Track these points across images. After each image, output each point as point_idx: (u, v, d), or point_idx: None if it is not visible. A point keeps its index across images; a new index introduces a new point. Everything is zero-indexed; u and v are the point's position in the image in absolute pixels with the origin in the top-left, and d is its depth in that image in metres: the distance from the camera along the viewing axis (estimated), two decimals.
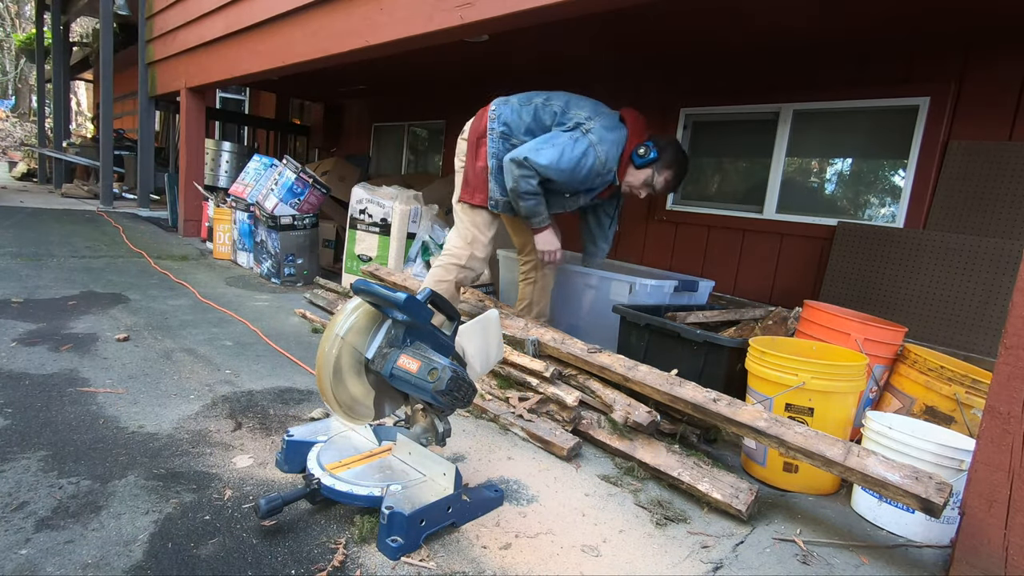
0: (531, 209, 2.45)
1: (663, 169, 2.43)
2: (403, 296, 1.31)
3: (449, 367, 1.31)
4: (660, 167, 2.43)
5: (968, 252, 2.78)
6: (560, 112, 2.43)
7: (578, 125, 2.37)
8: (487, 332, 1.58)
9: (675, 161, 2.44)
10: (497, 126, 2.49)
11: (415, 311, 1.34)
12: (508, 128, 2.47)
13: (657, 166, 2.42)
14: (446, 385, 1.28)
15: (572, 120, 2.39)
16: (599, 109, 2.46)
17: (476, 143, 2.56)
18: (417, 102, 6.46)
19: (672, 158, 2.43)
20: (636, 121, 2.47)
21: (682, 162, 2.47)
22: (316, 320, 3.11)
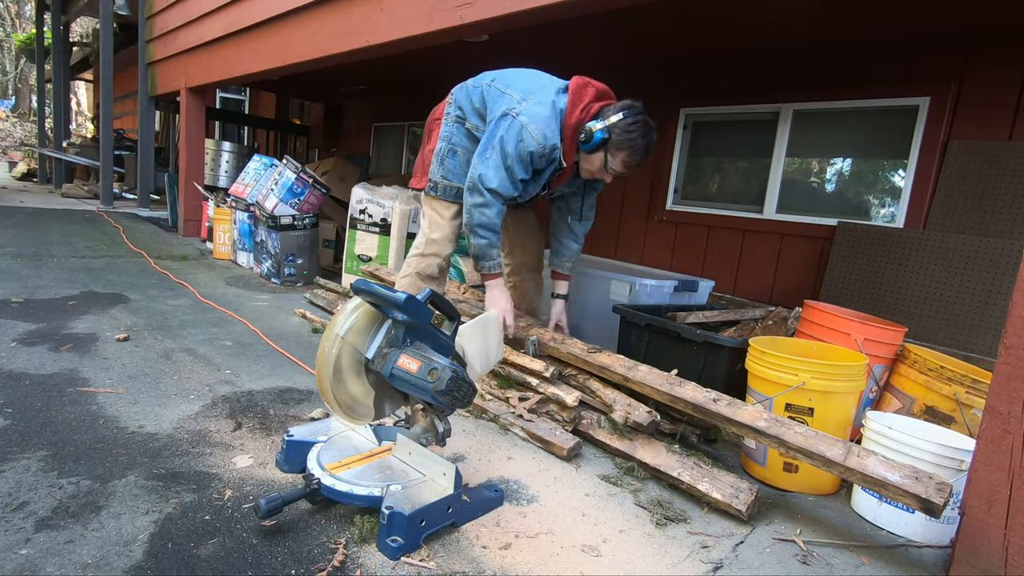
0: (481, 249, 2.09)
1: (615, 152, 2.03)
2: (403, 296, 1.31)
3: (449, 367, 1.31)
4: (611, 150, 2.03)
5: (968, 252, 2.78)
6: (499, 94, 2.13)
7: (505, 114, 2.02)
8: (487, 332, 1.58)
9: (626, 141, 1.99)
10: (452, 109, 2.30)
11: (415, 311, 1.34)
12: (461, 111, 2.27)
13: (608, 149, 2.03)
14: (446, 385, 1.28)
15: (501, 108, 2.06)
16: (541, 83, 2.11)
17: (431, 127, 2.40)
18: (417, 102, 6.46)
19: (622, 138, 1.99)
20: (578, 90, 2.05)
21: (635, 140, 2.00)
22: (316, 320, 3.11)
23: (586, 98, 2.02)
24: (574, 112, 2.01)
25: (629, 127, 1.98)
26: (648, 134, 2.02)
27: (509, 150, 1.97)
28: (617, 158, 2.03)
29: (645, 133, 2.01)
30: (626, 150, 2.01)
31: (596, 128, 1.98)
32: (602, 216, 4.62)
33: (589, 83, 2.06)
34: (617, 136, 1.99)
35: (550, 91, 2.04)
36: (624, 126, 1.98)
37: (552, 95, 2.02)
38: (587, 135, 1.99)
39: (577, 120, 2.01)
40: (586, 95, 2.03)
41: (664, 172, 4.20)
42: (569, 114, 2.01)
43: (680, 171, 4.16)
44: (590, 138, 1.99)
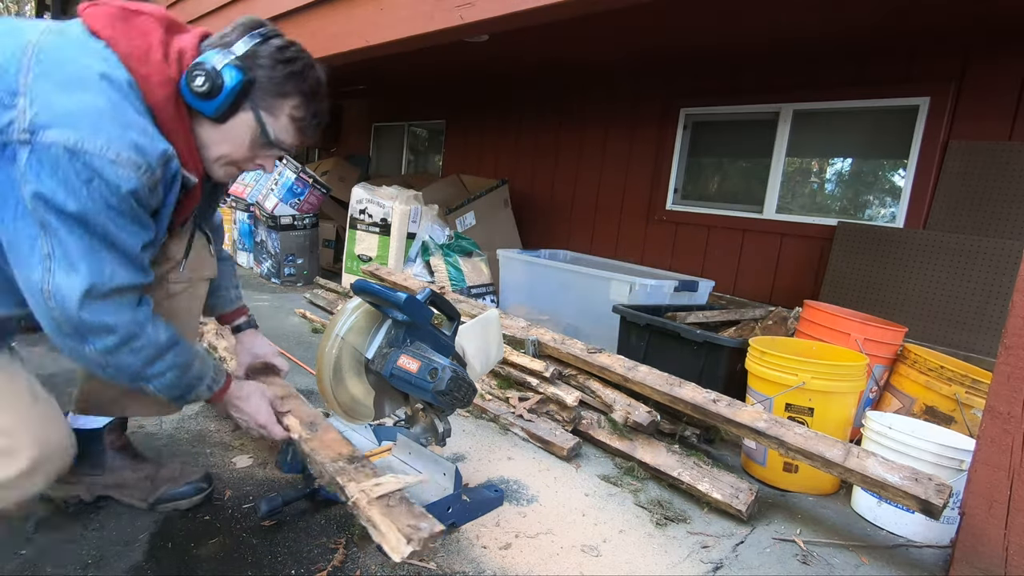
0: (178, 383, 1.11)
1: (274, 102, 1.09)
2: (403, 296, 1.31)
3: (449, 367, 1.31)
4: (265, 102, 1.09)
5: (968, 252, 2.78)
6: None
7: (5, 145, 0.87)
8: (487, 332, 1.58)
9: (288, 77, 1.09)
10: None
11: (415, 311, 1.34)
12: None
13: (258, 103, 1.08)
14: (446, 385, 1.28)
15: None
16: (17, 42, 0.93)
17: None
18: (417, 102, 6.47)
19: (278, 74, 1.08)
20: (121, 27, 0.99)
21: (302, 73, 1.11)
22: (316, 320, 3.11)
23: (152, 35, 1.01)
24: (151, 70, 0.99)
25: (282, 52, 1.09)
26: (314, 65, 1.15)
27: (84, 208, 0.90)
28: (283, 114, 1.11)
29: (311, 62, 1.14)
30: (295, 95, 1.10)
31: (221, 64, 1.02)
32: (602, 216, 4.63)
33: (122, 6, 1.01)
34: (268, 72, 1.07)
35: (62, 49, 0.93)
36: (272, 52, 1.08)
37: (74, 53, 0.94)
38: (206, 81, 1.01)
39: (167, 81, 1.00)
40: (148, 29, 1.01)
41: (664, 172, 4.20)
42: (144, 78, 0.98)
43: (680, 171, 4.16)
44: (218, 89, 1.02)
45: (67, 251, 0.91)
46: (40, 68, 0.89)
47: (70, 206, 0.89)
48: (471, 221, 4.43)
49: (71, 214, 0.89)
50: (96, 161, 0.89)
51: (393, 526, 1.06)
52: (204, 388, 1.17)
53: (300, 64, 1.11)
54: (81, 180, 0.88)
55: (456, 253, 3.81)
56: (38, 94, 0.88)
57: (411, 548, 1.04)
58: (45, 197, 0.87)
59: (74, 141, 0.87)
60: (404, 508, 1.09)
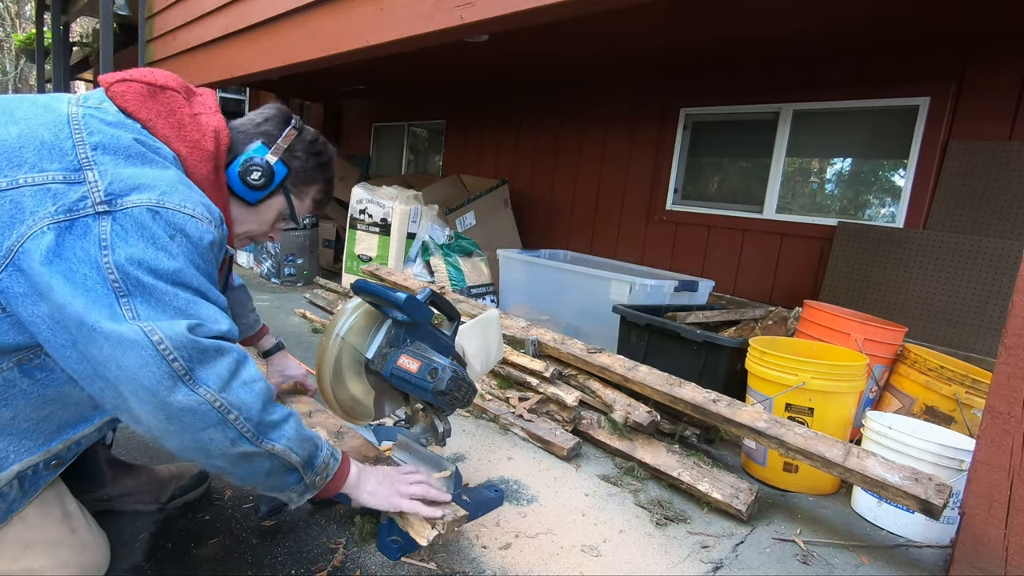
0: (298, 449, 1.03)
1: (306, 186, 1.24)
2: (403, 296, 1.31)
3: (449, 367, 1.31)
4: (298, 183, 1.22)
5: (968, 252, 2.78)
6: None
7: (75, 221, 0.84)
8: (487, 332, 1.57)
9: (317, 169, 1.24)
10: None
11: (415, 311, 1.34)
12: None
13: (292, 186, 1.21)
14: (446, 385, 1.28)
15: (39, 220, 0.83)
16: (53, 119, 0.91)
17: None
18: (417, 102, 6.47)
19: (311, 165, 1.23)
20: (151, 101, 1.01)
21: (327, 164, 1.27)
22: (316, 320, 3.11)
23: (182, 111, 1.05)
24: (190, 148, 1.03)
25: (314, 146, 1.23)
26: (333, 153, 1.30)
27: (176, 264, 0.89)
28: (308, 197, 1.26)
29: (332, 152, 1.29)
30: (320, 181, 1.26)
31: (272, 160, 1.14)
32: (602, 216, 4.63)
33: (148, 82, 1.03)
34: (303, 163, 1.21)
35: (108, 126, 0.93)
36: (307, 147, 1.22)
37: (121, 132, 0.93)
38: (263, 176, 1.12)
39: (209, 158, 1.05)
40: (176, 106, 1.04)
41: (664, 172, 4.20)
42: (185, 158, 1.02)
43: (680, 171, 4.16)
44: (269, 181, 1.14)
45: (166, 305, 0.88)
46: (94, 140, 0.90)
47: (163, 263, 0.87)
48: (471, 221, 4.43)
49: (164, 271, 0.88)
50: (177, 217, 0.90)
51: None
52: (327, 451, 1.10)
53: (327, 156, 1.26)
54: (167, 236, 0.89)
55: (456, 253, 3.81)
56: (105, 166, 0.88)
57: (436, 532, 1.16)
58: (137, 259, 0.85)
59: (155, 201, 0.88)
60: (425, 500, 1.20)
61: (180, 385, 0.86)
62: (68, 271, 0.82)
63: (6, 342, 0.87)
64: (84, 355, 0.84)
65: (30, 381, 0.90)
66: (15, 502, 0.94)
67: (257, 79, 4.73)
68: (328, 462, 1.10)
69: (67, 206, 0.84)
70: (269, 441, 0.97)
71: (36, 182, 0.84)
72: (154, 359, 0.84)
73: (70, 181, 0.85)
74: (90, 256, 0.83)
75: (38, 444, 0.94)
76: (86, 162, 0.87)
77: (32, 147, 0.87)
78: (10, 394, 0.90)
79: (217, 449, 0.91)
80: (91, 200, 0.85)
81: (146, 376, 0.84)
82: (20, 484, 0.93)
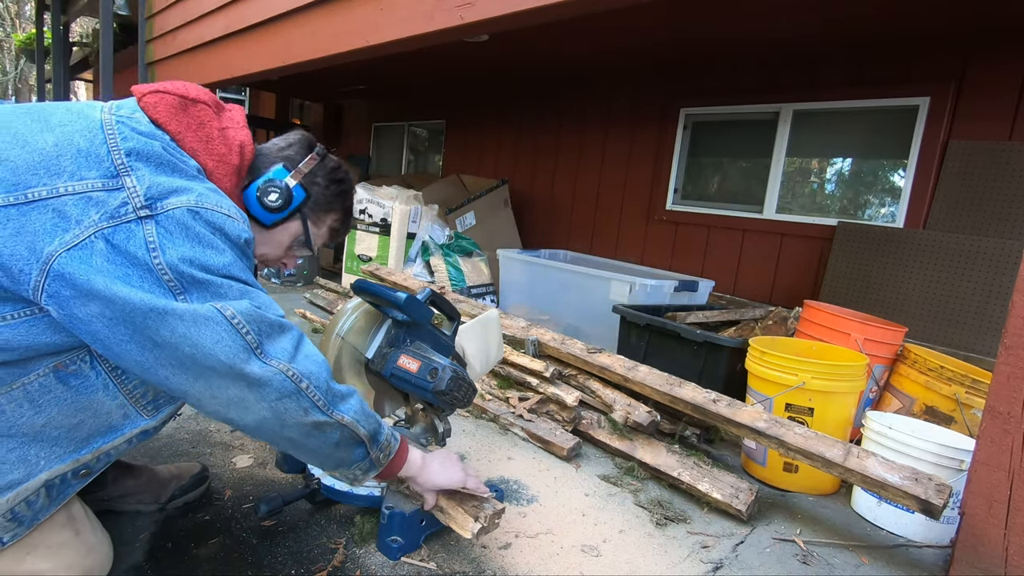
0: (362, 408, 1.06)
1: (321, 215, 1.21)
2: (403, 296, 1.31)
3: (450, 367, 1.31)
4: (317, 210, 1.20)
5: (968, 252, 2.78)
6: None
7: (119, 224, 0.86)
8: (487, 332, 1.57)
9: (337, 197, 1.22)
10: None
11: (415, 311, 1.34)
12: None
13: (310, 212, 1.19)
14: (446, 385, 1.29)
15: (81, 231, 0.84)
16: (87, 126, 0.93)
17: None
18: (417, 102, 6.47)
19: (332, 192, 1.21)
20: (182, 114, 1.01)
21: (347, 193, 1.25)
22: (316, 320, 3.11)
23: (211, 124, 1.04)
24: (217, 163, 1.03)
25: (335, 174, 1.21)
26: (351, 185, 1.28)
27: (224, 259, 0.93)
28: (325, 225, 1.24)
29: (353, 181, 1.28)
30: (338, 210, 1.24)
31: (293, 183, 1.14)
32: (602, 216, 4.63)
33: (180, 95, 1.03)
34: (322, 190, 1.19)
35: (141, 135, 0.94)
36: (328, 174, 1.20)
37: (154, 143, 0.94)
38: (279, 198, 1.12)
39: (233, 172, 1.06)
40: (206, 119, 1.04)
41: (664, 172, 4.20)
42: (211, 172, 1.02)
43: (680, 171, 4.16)
44: (286, 204, 1.13)
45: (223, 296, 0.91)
46: (128, 146, 0.91)
47: (213, 259, 0.91)
48: (471, 221, 4.43)
49: (214, 266, 0.91)
50: (216, 217, 0.93)
51: (460, 508, 1.22)
52: (388, 430, 1.11)
53: (348, 185, 1.25)
54: (210, 233, 0.92)
55: (456, 253, 3.81)
56: (142, 171, 0.90)
57: (479, 525, 1.20)
58: (188, 258, 0.88)
59: (194, 202, 0.91)
60: (465, 494, 1.24)
61: (253, 358, 0.91)
62: (123, 275, 0.84)
63: (45, 342, 0.88)
64: (151, 342, 0.86)
65: (64, 388, 0.91)
66: (41, 511, 0.94)
67: (257, 79, 4.73)
68: (390, 440, 1.12)
69: (110, 213, 0.85)
70: (339, 411, 1.00)
71: (77, 191, 0.86)
72: (229, 333, 0.88)
73: (109, 188, 0.87)
74: (139, 259, 0.85)
75: (68, 452, 0.94)
76: (123, 168, 0.89)
77: (69, 155, 0.88)
78: (44, 400, 0.90)
79: (292, 419, 0.95)
80: (132, 205, 0.87)
81: (222, 350, 0.88)
82: (47, 492, 0.94)
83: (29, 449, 0.90)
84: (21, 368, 0.88)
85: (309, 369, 0.97)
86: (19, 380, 0.88)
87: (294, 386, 0.94)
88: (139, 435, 1.02)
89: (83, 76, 12.71)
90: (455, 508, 1.21)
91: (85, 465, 0.97)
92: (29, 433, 0.90)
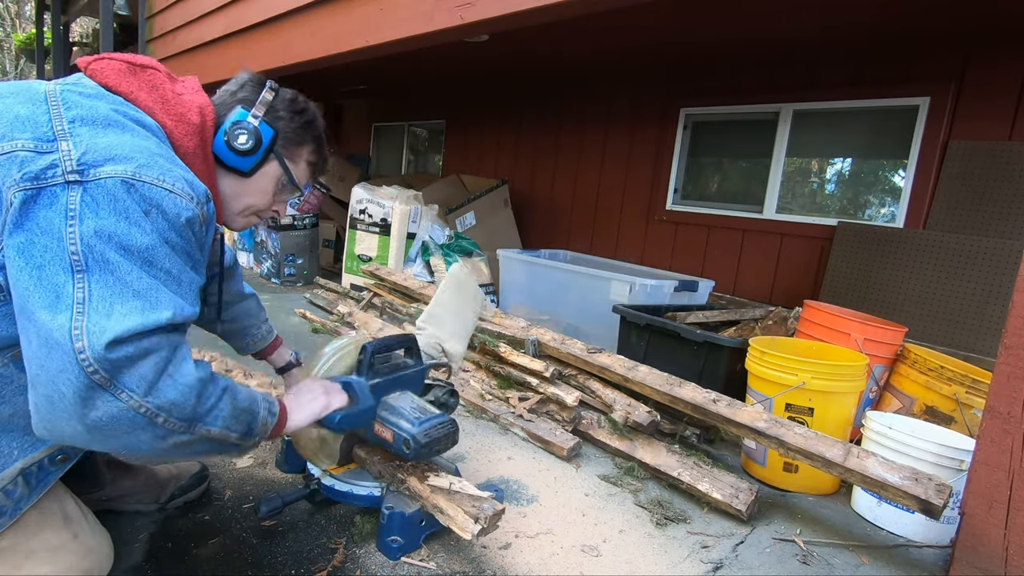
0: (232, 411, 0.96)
1: (297, 147, 1.17)
2: (336, 416, 1.21)
3: (420, 433, 1.24)
4: (288, 145, 1.15)
5: (968, 252, 2.78)
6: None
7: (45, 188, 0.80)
8: (460, 292, 1.51)
9: (305, 128, 1.18)
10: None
11: (362, 395, 1.27)
12: None
13: (283, 149, 1.14)
14: (422, 452, 1.24)
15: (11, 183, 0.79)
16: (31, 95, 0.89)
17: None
18: (417, 102, 6.47)
19: (297, 125, 1.16)
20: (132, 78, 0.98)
21: (315, 121, 1.20)
22: (316, 320, 3.11)
23: (165, 87, 1.02)
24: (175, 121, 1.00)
25: (295, 104, 1.17)
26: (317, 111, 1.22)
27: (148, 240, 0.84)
28: (302, 160, 1.18)
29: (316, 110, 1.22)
30: (309, 140, 1.18)
31: (253, 120, 1.09)
32: (602, 216, 4.63)
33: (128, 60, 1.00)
34: (287, 123, 1.14)
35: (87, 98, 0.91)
36: (288, 105, 1.15)
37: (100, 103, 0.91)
38: (250, 139, 1.07)
39: (194, 132, 1.02)
40: (159, 82, 1.02)
41: (664, 172, 4.20)
42: (171, 130, 0.99)
43: (680, 171, 4.16)
44: (257, 144, 1.08)
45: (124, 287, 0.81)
46: (72, 114, 0.86)
47: (134, 239, 0.82)
48: (471, 221, 4.43)
49: (134, 247, 0.82)
50: (153, 192, 0.84)
51: (459, 509, 1.21)
52: (264, 410, 1.03)
53: (311, 113, 1.18)
54: (141, 211, 0.83)
55: (456, 253, 3.81)
56: (81, 136, 0.84)
57: (479, 526, 1.18)
58: (107, 232, 0.80)
59: (131, 173, 0.83)
60: (464, 495, 1.24)
61: (102, 394, 0.79)
62: (26, 243, 0.78)
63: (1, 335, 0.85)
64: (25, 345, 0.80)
65: (25, 376, 0.84)
66: (22, 500, 0.93)
67: None
68: (267, 421, 1.03)
69: (33, 173, 0.79)
70: (204, 427, 0.90)
71: (3, 150, 0.80)
72: (75, 368, 0.77)
73: (41, 151, 0.81)
74: (53, 226, 0.78)
75: (41, 439, 0.92)
76: (61, 133, 0.83)
77: (5, 121, 0.84)
78: (8, 390, 0.88)
79: (147, 445, 0.86)
80: (61, 169, 0.80)
81: (64, 383, 0.77)
82: (26, 481, 0.92)
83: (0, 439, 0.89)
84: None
85: (169, 398, 0.84)
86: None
87: (147, 420, 0.82)
88: None
89: None
90: (455, 509, 1.21)
91: (61, 451, 0.95)
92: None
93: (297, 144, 1.16)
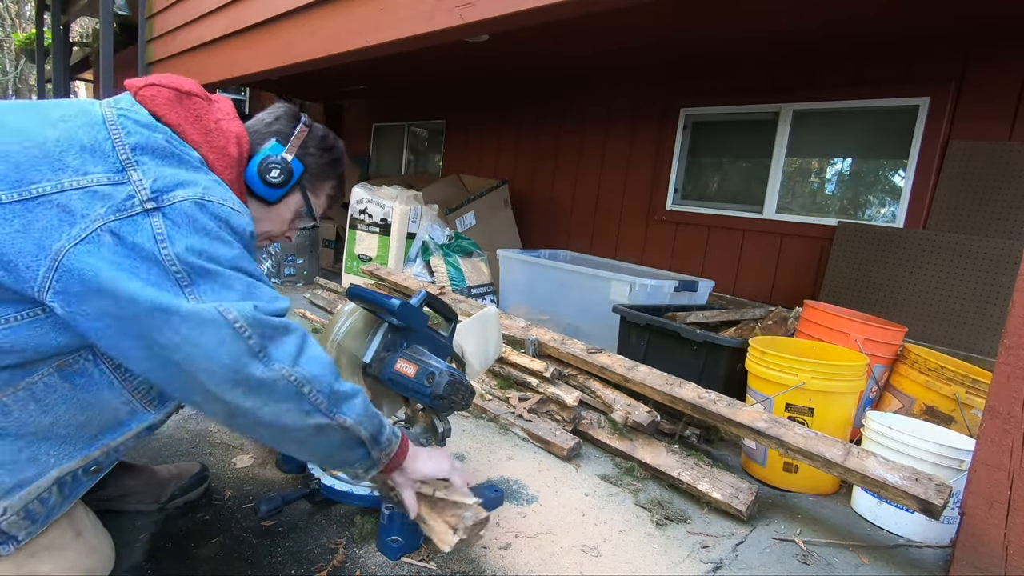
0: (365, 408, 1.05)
1: (319, 184, 1.25)
2: (397, 302, 1.31)
3: (447, 371, 1.30)
4: (314, 180, 1.23)
5: (968, 252, 2.78)
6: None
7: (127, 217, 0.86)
8: (486, 328, 1.57)
9: (330, 164, 1.25)
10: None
11: (410, 317, 1.34)
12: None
13: (308, 182, 1.22)
14: (443, 390, 1.28)
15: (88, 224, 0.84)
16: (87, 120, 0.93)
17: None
18: (417, 102, 6.47)
19: (325, 161, 1.24)
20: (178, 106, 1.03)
21: (338, 158, 1.28)
22: (316, 320, 3.11)
23: (208, 117, 1.06)
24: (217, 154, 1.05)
25: (325, 142, 1.24)
26: (342, 151, 1.30)
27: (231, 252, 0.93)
28: (323, 193, 1.27)
29: (342, 147, 1.31)
30: (333, 177, 1.27)
31: (288, 157, 1.15)
32: (602, 216, 4.63)
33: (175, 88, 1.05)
34: (316, 160, 1.21)
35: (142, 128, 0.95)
36: (319, 143, 1.22)
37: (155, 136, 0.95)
38: (281, 173, 1.13)
39: (234, 164, 1.07)
40: (202, 112, 1.06)
41: (664, 172, 4.20)
42: (212, 163, 1.03)
43: (680, 171, 4.16)
44: (288, 179, 1.15)
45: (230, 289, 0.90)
46: (132, 141, 0.91)
47: (221, 251, 0.91)
48: (471, 221, 4.43)
49: (223, 258, 0.91)
50: (221, 210, 0.93)
51: (439, 518, 1.16)
52: (388, 427, 1.10)
53: (339, 151, 1.27)
54: (216, 226, 0.92)
55: (456, 253, 3.81)
56: (147, 165, 0.90)
57: (458, 537, 1.13)
58: (197, 249, 0.88)
59: (200, 195, 0.91)
60: (448, 502, 1.19)
61: (256, 362, 0.88)
62: (131, 268, 0.84)
63: (48, 343, 0.87)
64: (154, 342, 0.85)
65: (69, 387, 0.91)
66: (54, 508, 0.94)
67: (257, 79, 4.73)
68: (391, 439, 1.11)
69: (116, 206, 0.85)
70: (341, 414, 0.98)
71: (82, 185, 0.86)
72: (232, 337, 0.86)
73: (115, 183, 0.87)
74: (147, 251, 0.85)
75: (77, 449, 0.94)
76: (128, 163, 0.89)
77: (73, 150, 0.88)
78: (50, 400, 0.90)
79: (293, 422, 0.94)
80: (138, 198, 0.87)
81: (225, 353, 0.86)
82: (60, 490, 0.94)
83: (39, 448, 0.91)
84: (25, 370, 0.88)
85: (312, 372, 0.95)
86: (23, 381, 0.88)
87: (295, 390, 0.92)
88: (145, 430, 1.02)
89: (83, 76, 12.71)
90: (435, 519, 1.16)
91: (95, 461, 0.98)
92: (38, 432, 0.90)
93: (322, 180, 1.25)
